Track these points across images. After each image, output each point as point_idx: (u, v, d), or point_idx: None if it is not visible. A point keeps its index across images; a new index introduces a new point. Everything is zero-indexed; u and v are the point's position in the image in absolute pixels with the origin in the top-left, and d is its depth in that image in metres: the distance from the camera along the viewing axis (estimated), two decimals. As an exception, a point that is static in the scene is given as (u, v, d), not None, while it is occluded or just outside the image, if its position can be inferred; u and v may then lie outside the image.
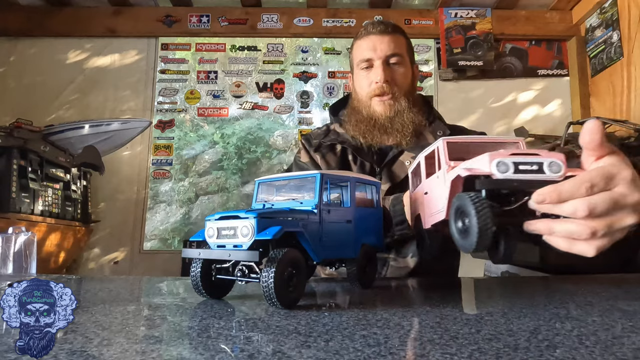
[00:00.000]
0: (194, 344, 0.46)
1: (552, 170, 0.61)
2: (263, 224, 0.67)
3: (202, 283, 0.73)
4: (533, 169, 0.61)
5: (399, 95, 1.24)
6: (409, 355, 0.42)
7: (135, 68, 3.45)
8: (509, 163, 0.61)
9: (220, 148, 3.40)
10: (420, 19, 3.44)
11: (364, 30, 1.29)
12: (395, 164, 1.23)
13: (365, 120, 1.25)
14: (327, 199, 0.78)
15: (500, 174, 0.61)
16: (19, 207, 2.32)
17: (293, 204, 0.77)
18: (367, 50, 1.25)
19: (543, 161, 0.61)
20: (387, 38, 1.25)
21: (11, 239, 0.94)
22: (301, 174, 0.83)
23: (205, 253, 0.70)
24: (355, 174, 0.85)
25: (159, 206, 3.34)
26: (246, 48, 3.51)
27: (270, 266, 0.64)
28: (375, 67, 1.24)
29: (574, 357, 0.41)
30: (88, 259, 3.23)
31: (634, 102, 2.75)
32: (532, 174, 0.61)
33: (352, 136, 1.28)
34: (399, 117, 1.22)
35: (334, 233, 0.78)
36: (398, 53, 1.25)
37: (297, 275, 0.68)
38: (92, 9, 3.40)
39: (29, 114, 2.78)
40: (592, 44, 3.19)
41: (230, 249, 0.68)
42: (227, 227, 0.69)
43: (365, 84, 1.27)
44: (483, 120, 3.36)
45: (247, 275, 0.72)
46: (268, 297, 0.64)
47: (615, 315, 0.60)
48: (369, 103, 1.26)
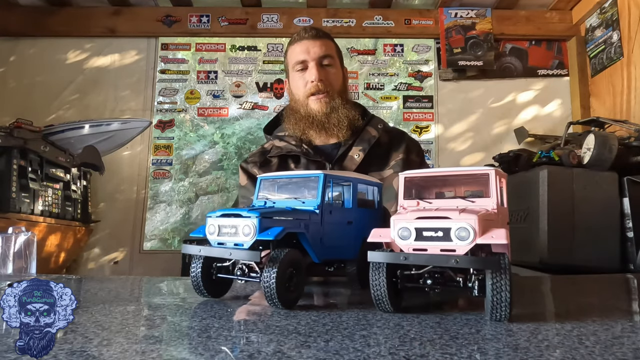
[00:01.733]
0: (194, 344, 0.46)
1: (459, 237, 0.57)
2: (265, 223, 0.66)
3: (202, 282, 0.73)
4: (438, 235, 0.58)
5: (333, 93, 1.34)
6: (409, 355, 0.42)
7: (135, 68, 3.44)
8: (411, 229, 0.59)
9: (220, 148, 3.40)
10: (420, 19, 3.44)
11: (297, 36, 1.39)
12: (345, 159, 1.33)
13: (303, 119, 1.35)
14: (330, 200, 0.78)
15: (402, 241, 0.60)
16: (19, 207, 2.32)
17: (295, 203, 0.77)
18: (301, 53, 1.35)
19: (451, 226, 0.57)
20: (318, 42, 1.35)
21: (11, 239, 0.94)
22: (304, 173, 0.82)
23: (206, 250, 0.70)
24: (358, 175, 0.85)
25: (159, 206, 3.34)
26: (246, 48, 3.51)
27: (272, 266, 0.64)
28: (310, 68, 1.34)
29: (574, 357, 0.41)
30: (88, 259, 3.23)
31: (634, 102, 2.75)
32: (436, 241, 0.58)
33: (296, 139, 1.37)
34: (334, 112, 1.32)
35: (335, 234, 0.78)
36: (329, 54, 1.36)
37: (297, 275, 0.68)
38: (92, 9, 3.40)
39: (29, 114, 2.77)
40: (592, 44, 3.19)
41: (231, 247, 0.68)
42: (229, 225, 0.68)
43: (301, 84, 1.36)
44: (483, 121, 3.36)
45: (247, 275, 0.71)
46: (269, 297, 0.64)
47: (615, 315, 0.60)
48: (306, 102, 1.35)
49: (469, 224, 0.56)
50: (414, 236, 0.59)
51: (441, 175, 0.71)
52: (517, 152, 2.39)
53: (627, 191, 1.86)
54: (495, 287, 0.56)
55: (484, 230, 0.57)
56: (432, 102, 3.41)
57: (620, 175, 1.90)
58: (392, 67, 3.48)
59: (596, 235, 1.87)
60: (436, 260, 0.58)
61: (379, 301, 0.62)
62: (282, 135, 1.42)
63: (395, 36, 3.47)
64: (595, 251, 1.85)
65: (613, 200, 1.89)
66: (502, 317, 0.56)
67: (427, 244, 0.58)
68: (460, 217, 0.57)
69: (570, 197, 1.89)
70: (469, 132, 3.36)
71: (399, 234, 0.60)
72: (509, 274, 0.56)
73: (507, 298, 0.55)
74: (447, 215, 0.58)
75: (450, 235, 0.57)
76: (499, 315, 0.56)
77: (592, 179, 1.91)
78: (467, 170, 0.70)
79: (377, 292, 0.62)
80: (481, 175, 0.67)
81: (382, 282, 0.61)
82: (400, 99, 3.43)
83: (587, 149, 1.95)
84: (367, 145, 1.32)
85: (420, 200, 0.68)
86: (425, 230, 0.58)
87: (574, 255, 1.84)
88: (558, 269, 1.81)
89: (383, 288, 0.61)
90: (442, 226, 0.58)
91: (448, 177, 0.71)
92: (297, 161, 1.35)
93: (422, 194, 0.71)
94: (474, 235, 0.56)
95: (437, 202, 0.68)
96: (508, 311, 0.56)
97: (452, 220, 0.57)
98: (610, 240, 1.86)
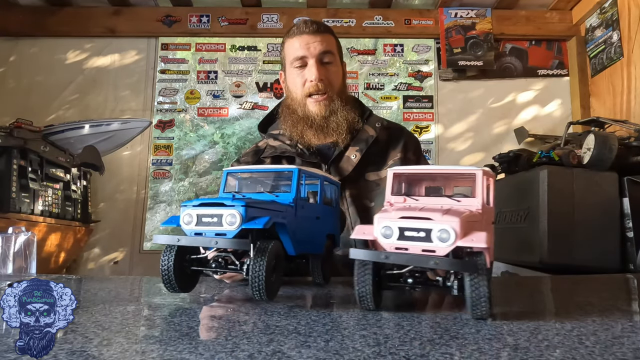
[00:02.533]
0: (194, 344, 0.46)
1: (440, 238, 0.57)
2: (251, 212, 0.65)
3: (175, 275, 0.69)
4: (420, 235, 0.58)
5: (333, 94, 1.29)
6: (409, 355, 0.42)
7: (135, 68, 3.44)
8: (394, 228, 0.59)
9: (220, 148, 3.40)
10: (420, 19, 3.44)
11: (296, 29, 1.31)
12: (342, 160, 1.29)
13: (301, 121, 1.30)
14: (303, 194, 0.78)
15: (384, 240, 0.60)
16: (19, 207, 2.32)
17: (267, 196, 0.76)
18: (301, 49, 1.28)
19: (432, 227, 0.58)
20: (319, 37, 1.28)
21: (11, 239, 0.94)
22: (277, 167, 0.83)
23: (186, 240, 0.66)
24: (324, 173, 0.85)
25: (159, 206, 3.34)
26: (246, 48, 3.51)
27: (260, 257, 0.63)
28: (310, 66, 1.28)
29: (574, 357, 0.41)
30: (88, 259, 3.23)
31: (634, 102, 2.75)
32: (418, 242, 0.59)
33: (291, 138, 1.32)
34: (333, 116, 1.28)
35: (307, 228, 0.78)
36: (330, 51, 1.29)
37: (279, 267, 0.68)
38: (92, 9, 3.40)
39: (29, 114, 2.77)
40: (592, 44, 3.19)
41: (212, 236, 0.65)
42: (210, 215, 0.66)
43: (300, 82, 1.30)
44: (483, 121, 3.36)
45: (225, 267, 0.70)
46: (257, 288, 0.62)
47: (615, 315, 0.60)
48: (304, 102, 1.30)
49: (450, 226, 0.57)
50: (397, 235, 0.59)
51: (430, 172, 0.72)
52: (517, 152, 2.39)
53: (627, 191, 1.86)
54: (474, 285, 0.57)
55: (465, 231, 0.58)
56: (432, 102, 3.41)
57: (620, 175, 1.90)
58: (392, 67, 3.48)
59: (596, 235, 1.87)
60: (416, 260, 0.59)
61: (362, 298, 0.63)
62: (277, 134, 1.37)
63: (395, 36, 3.47)
64: (595, 251, 1.85)
65: (613, 200, 1.89)
66: (482, 314, 0.57)
67: (409, 244, 0.59)
68: (443, 218, 0.58)
69: (570, 197, 1.89)
70: (469, 132, 3.36)
71: (382, 232, 0.60)
72: (487, 273, 0.58)
73: (486, 295, 0.56)
74: (430, 217, 0.58)
75: (431, 237, 0.58)
76: (479, 313, 0.57)
77: (592, 179, 1.91)
78: (455, 169, 0.70)
79: (361, 289, 0.62)
80: (469, 175, 0.67)
81: (368, 280, 0.62)
82: (400, 99, 3.43)
83: (587, 149, 1.95)
84: (364, 145, 1.29)
85: (407, 197, 0.69)
86: (407, 230, 0.59)
87: (574, 255, 1.84)
88: (558, 269, 1.81)
89: (368, 286, 0.62)
90: (424, 227, 0.58)
91: (437, 175, 0.72)
92: (291, 162, 1.30)
93: (410, 190, 0.72)
94: (454, 238, 0.57)
95: (423, 199, 0.69)
96: (488, 308, 0.57)
97: (434, 221, 0.58)
98: (610, 240, 1.86)
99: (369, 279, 0.62)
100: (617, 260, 1.85)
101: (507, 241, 2.14)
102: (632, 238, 1.82)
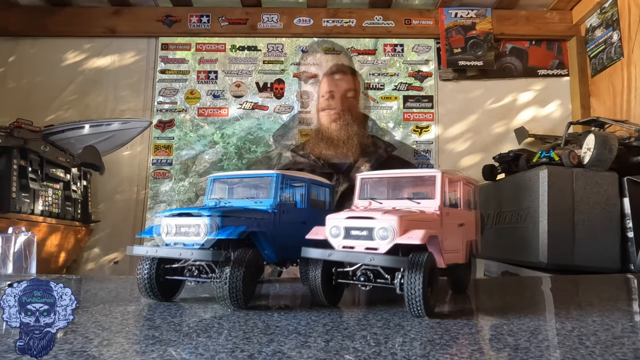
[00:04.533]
0: (194, 344, 0.46)
1: (380, 236, 0.60)
2: (226, 222, 0.66)
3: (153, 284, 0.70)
4: (363, 234, 0.62)
5: (351, 121, 1.75)
6: (409, 355, 0.42)
7: (135, 68, 3.44)
8: (341, 227, 0.63)
9: (220, 148, 3.40)
10: (420, 19, 3.44)
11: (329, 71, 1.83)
12: (352, 169, 1.61)
13: (325, 139, 1.72)
14: (285, 200, 0.78)
15: (333, 239, 0.64)
16: (19, 207, 2.32)
17: (249, 202, 0.76)
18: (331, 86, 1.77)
19: (374, 226, 0.61)
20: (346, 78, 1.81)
21: (11, 239, 0.94)
22: (258, 172, 0.83)
23: (163, 251, 0.67)
24: (311, 175, 0.85)
25: (159, 206, 3.34)
26: (246, 48, 3.51)
27: (238, 266, 0.63)
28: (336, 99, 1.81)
29: (574, 357, 0.41)
30: (88, 259, 3.23)
31: (634, 102, 2.75)
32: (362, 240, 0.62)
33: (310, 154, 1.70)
34: (351, 140, 1.71)
35: (290, 233, 0.78)
36: (353, 89, 1.79)
37: (256, 275, 0.68)
38: (92, 9, 3.40)
39: (29, 114, 2.77)
40: (592, 44, 3.19)
41: (190, 246, 0.65)
42: (187, 225, 0.66)
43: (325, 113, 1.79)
44: (483, 121, 3.36)
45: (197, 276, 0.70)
46: (234, 298, 0.63)
47: (615, 315, 0.60)
48: (329, 126, 1.75)
49: (389, 224, 0.59)
50: (343, 234, 0.62)
51: (394, 177, 0.75)
52: (517, 152, 2.38)
53: (627, 191, 1.86)
54: (409, 284, 0.58)
55: (405, 229, 0.60)
56: (432, 102, 3.41)
57: (620, 175, 1.90)
58: (392, 67, 3.48)
59: (596, 236, 1.86)
60: (356, 257, 0.61)
61: (314, 293, 0.67)
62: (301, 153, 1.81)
63: (395, 36, 3.47)
64: (595, 251, 1.84)
65: (613, 200, 1.89)
66: (418, 312, 0.58)
67: (355, 242, 0.62)
68: (383, 217, 0.60)
69: (570, 197, 1.89)
70: (469, 132, 3.36)
71: (331, 232, 0.63)
72: (424, 271, 0.58)
73: (420, 294, 0.57)
74: (372, 216, 0.61)
75: (373, 235, 0.60)
76: (415, 311, 0.59)
77: (592, 179, 1.91)
78: (417, 172, 0.74)
79: (312, 284, 0.67)
80: (428, 177, 0.71)
81: (318, 276, 0.66)
82: (400, 99, 3.43)
83: (587, 149, 1.95)
84: (373, 158, 1.65)
85: (372, 200, 0.72)
86: (353, 229, 0.62)
87: (574, 255, 1.84)
88: (558, 269, 1.80)
89: (317, 281, 0.66)
90: (367, 226, 0.61)
91: (400, 178, 0.74)
92: None
93: (376, 194, 0.75)
94: (393, 235, 0.59)
95: (387, 202, 0.72)
96: (422, 307, 0.57)
97: (376, 220, 0.60)
98: (610, 241, 1.86)
99: (318, 275, 0.66)
100: (617, 260, 1.85)
101: (507, 241, 2.14)
102: (632, 238, 1.82)
